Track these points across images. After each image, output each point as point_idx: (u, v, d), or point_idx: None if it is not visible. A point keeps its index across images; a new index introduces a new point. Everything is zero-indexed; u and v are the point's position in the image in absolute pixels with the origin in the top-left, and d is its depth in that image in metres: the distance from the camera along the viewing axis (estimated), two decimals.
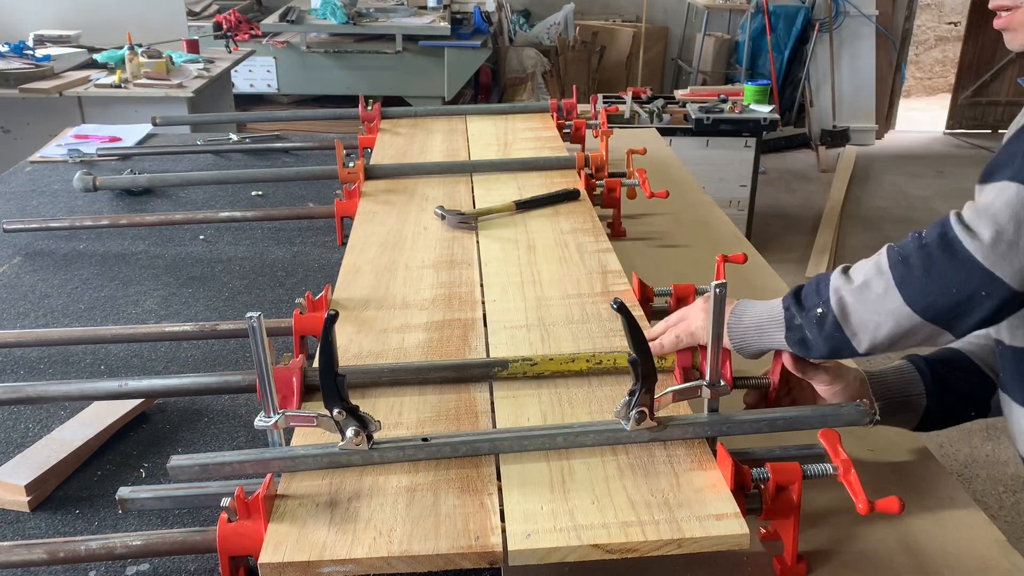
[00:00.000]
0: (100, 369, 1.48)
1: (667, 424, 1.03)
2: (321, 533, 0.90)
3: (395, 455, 1.01)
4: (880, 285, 1.01)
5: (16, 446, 1.26)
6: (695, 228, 2.07)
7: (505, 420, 1.11)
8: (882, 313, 1.01)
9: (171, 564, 1.03)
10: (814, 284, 1.08)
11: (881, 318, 1.01)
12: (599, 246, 1.62)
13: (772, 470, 0.97)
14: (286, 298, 1.71)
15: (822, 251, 4.96)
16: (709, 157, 4.54)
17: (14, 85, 3.74)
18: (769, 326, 1.11)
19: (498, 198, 1.86)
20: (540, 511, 0.93)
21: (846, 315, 1.03)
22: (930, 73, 9.43)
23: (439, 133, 2.42)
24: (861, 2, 6.98)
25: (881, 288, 1.01)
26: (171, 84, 3.87)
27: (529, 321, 1.35)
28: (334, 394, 0.97)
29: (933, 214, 5.76)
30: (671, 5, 7.45)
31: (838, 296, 1.04)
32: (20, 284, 1.79)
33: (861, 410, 1.08)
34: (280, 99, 6.16)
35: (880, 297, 1.01)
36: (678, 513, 0.92)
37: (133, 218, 2.02)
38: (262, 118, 4.02)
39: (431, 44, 5.88)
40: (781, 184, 6.32)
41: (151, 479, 1.20)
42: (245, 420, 1.32)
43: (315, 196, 2.27)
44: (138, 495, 1.01)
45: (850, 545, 1.05)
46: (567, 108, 2.53)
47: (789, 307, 1.09)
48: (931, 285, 0.97)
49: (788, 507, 0.98)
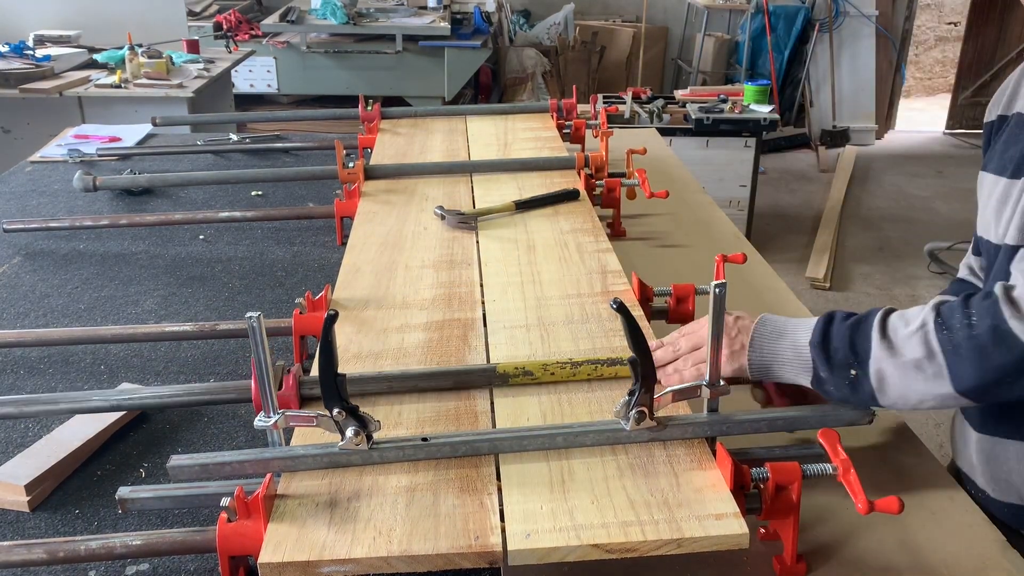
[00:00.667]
0: (100, 369, 1.48)
1: (666, 424, 1.03)
2: (321, 533, 0.90)
3: (395, 455, 1.01)
4: (931, 369, 1.00)
5: (16, 446, 1.26)
6: (695, 228, 2.07)
7: (505, 420, 1.11)
8: (927, 394, 1.01)
9: (171, 564, 1.03)
10: (846, 336, 1.05)
11: (924, 397, 1.01)
12: (599, 246, 1.62)
13: (771, 470, 0.97)
14: (286, 298, 1.71)
15: (822, 251, 4.96)
16: (709, 157, 4.54)
17: (14, 85, 3.75)
18: (792, 365, 1.09)
19: (498, 198, 1.86)
20: (540, 511, 0.93)
21: (884, 387, 1.02)
22: (930, 73, 9.44)
23: (439, 133, 2.42)
24: (861, 2, 6.98)
25: (931, 372, 1.00)
26: (171, 84, 3.88)
27: (529, 321, 1.35)
28: (334, 394, 0.97)
29: (933, 214, 5.77)
30: (671, 5, 7.46)
31: (879, 367, 1.02)
32: (20, 284, 1.79)
33: (860, 411, 1.08)
34: (280, 99, 6.16)
35: (928, 380, 1.00)
36: (678, 513, 0.92)
37: (133, 218, 2.02)
38: (262, 118, 4.03)
39: (431, 44, 5.89)
40: (781, 184, 6.32)
41: (151, 479, 1.20)
42: (245, 420, 1.32)
43: (315, 196, 2.27)
44: (138, 495, 1.01)
45: (850, 545, 1.05)
46: (567, 108, 2.53)
47: (816, 358, 1.06)
48: (982, 375, 0.97)
49: (788, 507, 0.98)
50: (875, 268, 4.91)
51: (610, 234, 1.83)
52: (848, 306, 4.40)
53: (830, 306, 4.40)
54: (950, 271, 4.71)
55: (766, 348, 1.11)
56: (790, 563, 1.00)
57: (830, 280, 4.68)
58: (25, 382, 1.44)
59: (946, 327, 1.00)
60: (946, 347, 0.99)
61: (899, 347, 1.02)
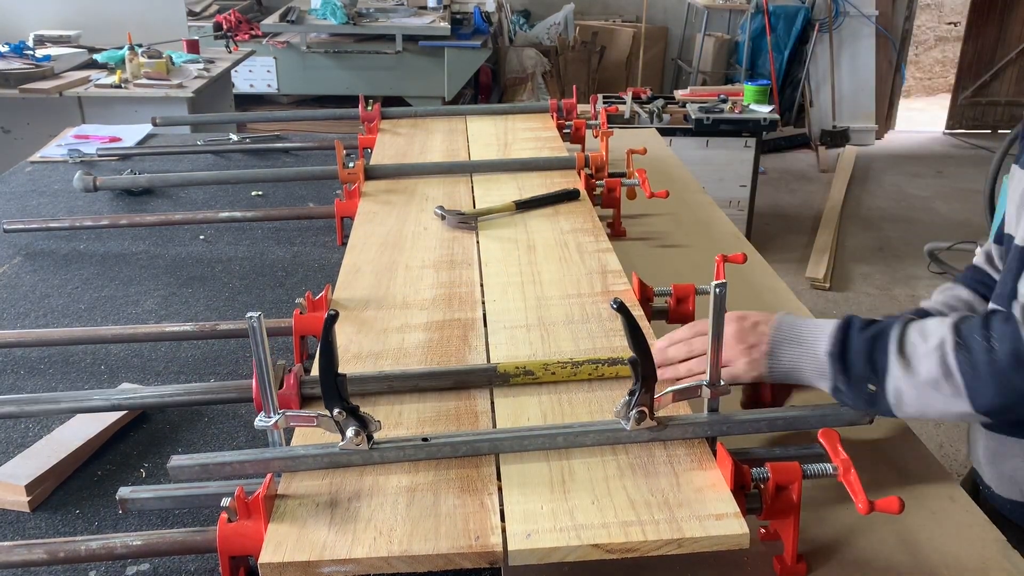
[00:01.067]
0: (100, 369, 1.48)
1: (667, 424, 1.03)
2: (321, 533, 0.90)
3: (395, 455, 1.01)
4: (948, 389, 1.00)
5: (16, 446, 1.26)
6: (695, 228, 2.07)
7: (505, 420, 1.11)
8: (946, 412, 1.02)
9: (171, 564, 1.03)
10: (864, 349, 1.05)
11: (944, 414, 1.03)
12: (599, 246, 1.62)
13: (772, 470, 0.97)
14: (286, 298, 1.71)
15: (822, 251, 4.97)
16: (709, 157, 4.54)
17: (14, 85, 3.75)
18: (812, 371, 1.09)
19: (498, 198, 1.86)
20: (540, 511, 0.93)
21: (903, 404, 1.03)
22: (930, 73, 9.44)
23: (439, 133, 2.42)
24: (861, 2, 6.98)
25: (949, 392, 1.00)
26: (171, 84, 3.88)
27: (529, 321, 1.35)
28: (334, 394, 0.97)
29: (933, 214, 5.77)
30: (671, 5, 7.46)
31: (896, 385, 1.03)
32: (20, 284, 1.79)
33: (860, 411, 1.08)
34: (280, 99, 6.16)
35: (946, 399, 1.01)
36: (678, 513, 0.92)
37: (133, 218, 2.02)
38: (262, 118, 4.03)
39: (431, 44, 5.89)
40: (781, 184, 6.32)
41: (151, 479, 1.20)
42: (245, 420, 1.32)
43: (315, 196, 2.27)
44: (138, 495, 1.01)
45: (850, 544, 1.05)
46: (567, 108, 2.53)
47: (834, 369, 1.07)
48: (1002, 398, 0.98)
49: (788, 507, 0.98)
50: (875, 268, 4.91)
51: (610, 234, 1.83)
52: (848, 306, 4.40)
53: (830, 306, 4.40)
54: (950, 271, 4.71)
55: (785, 356, 1.11)
56: (790, 563, 1.00)
57: (830, 280, 4.68)
58: (25, 382, 1.44)
59: (965, 348, 1.00)
60: (964, 368, 1.00)
61: (917, 366, 1.02)
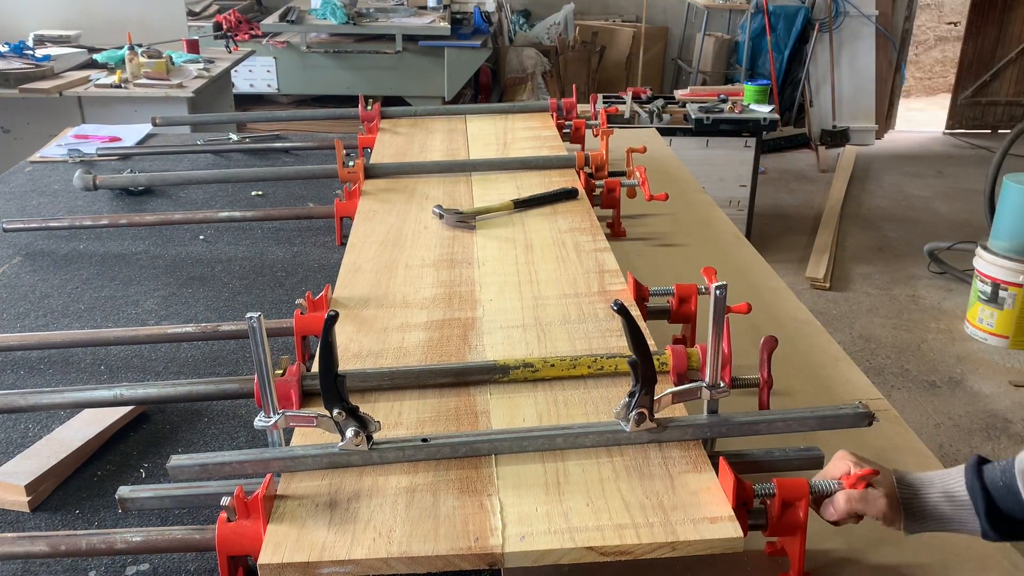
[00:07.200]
0: (100, 369, 1.48)
1: (666, 425, 1.03)
2: (321, 533, 0.90)
3: (395, 455, 1.01)
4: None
5: (16, 446, 1.26)
6: (695, 228, 2.07)
7: (500, 421, 1.11)
8: None
9: (171, 564, 1.03)
10: None
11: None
12: (596, 245, 1.62)
13: (778, 486, 0.95)
14: (286, 298, 1.71)
15: (822, 251, 4.96)
16: (709, 157, 4.54)
17: (14, 85, 3.74)
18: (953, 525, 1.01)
19: (497, 197, 1.86)
20: (535, 513, 0.93)
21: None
22: (930, 73, 9.43)
23: (439, 133, 2.42)
24: (861, 2, 6.98)
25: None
26: (171, 84, 3.87)
27: (526, 321, 1.35)
28: (334, 394, 0.97)
29: (933, 214, 5.77)
30: (671, 5, 7.45)
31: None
32: (20, 284, 1.79)
33: (860, 412, 1.08)
34: (280, 99, 6.16)
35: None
36: (672, 516, 0.92)
37: (133, 218, 2.02)
38: (262, 118, 4.01)
39: (431, 44, 5.88)
40: (781, 184, 6.32)
41: (151, 479, 1.20)
42: (245, 420, 1.33)
43: (315, 196, 2.27)
44: (138, 494, 1.01)
45: (850, 545, 1.05)
46: (567, 108, 2.53)
47: None
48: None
49: (795, 525, 0.96)
50: (875, 268, 4.91)
51: (610, 234, 1.83)
52: (848, 306, 4.40)
53: (830, 306, 4.40)
54: (950, 271, 4.71)
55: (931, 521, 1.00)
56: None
57: (830, 280, 4.68)
58: (26, 382, 1.44)
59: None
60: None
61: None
